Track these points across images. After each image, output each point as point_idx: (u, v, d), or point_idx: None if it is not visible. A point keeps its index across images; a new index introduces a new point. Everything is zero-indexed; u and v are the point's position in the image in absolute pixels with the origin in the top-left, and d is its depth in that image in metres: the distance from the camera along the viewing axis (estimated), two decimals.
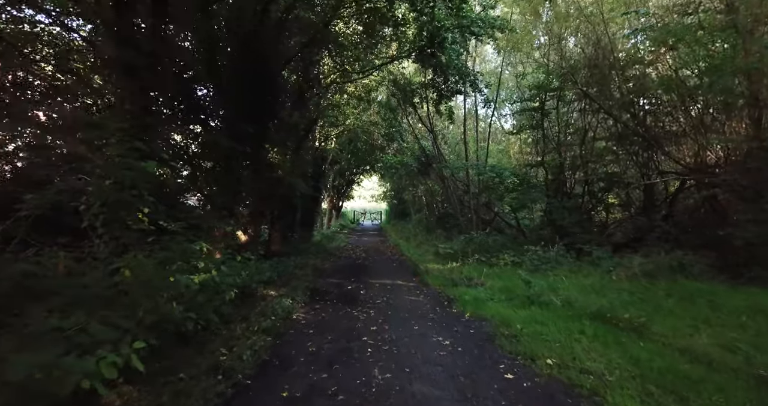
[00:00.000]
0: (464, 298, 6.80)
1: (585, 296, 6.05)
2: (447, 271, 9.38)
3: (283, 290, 7.38)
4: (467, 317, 5.88)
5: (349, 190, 31.65)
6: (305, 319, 5.88)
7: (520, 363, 4.01)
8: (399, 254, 14.53)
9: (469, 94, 12.77)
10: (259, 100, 7.16)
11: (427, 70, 12.42)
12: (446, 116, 12.68)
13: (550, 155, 11.27)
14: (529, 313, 5.67)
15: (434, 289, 7.97)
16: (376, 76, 13.10)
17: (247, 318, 5.53)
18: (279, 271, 8.85)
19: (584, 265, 7.85)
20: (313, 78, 9.89)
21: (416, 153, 16.14)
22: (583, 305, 5.57)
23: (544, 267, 8.11)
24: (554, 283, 6.75)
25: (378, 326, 5.43)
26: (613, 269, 6.84)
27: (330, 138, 17.48)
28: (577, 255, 8.66)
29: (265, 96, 7.19)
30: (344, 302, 6.87)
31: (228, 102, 6.93)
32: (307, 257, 11.80)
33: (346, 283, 8.69)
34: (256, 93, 7.04)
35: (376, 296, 7.41)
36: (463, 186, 14.40)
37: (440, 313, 6.14)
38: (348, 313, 6.17)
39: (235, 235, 9.40)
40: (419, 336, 4.97)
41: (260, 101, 7.17)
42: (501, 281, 7.74)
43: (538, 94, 10.60)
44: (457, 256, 10.53)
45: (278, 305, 6.29)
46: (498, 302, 6.45)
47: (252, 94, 6.98)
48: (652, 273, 6.20)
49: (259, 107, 7.18)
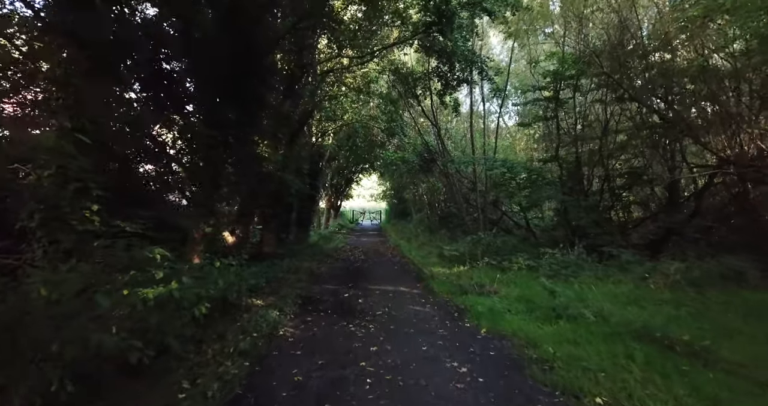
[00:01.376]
0: (477, 309, 5.93)
1: (621, 308, 5.18)
2: (454, 276, 8.51)
3: (271, 299, 6.51)
4: (483, 333, 5.01)
5: (348, 189, 30.75)
6: (293, 335, 5.01)
7: (562, 403, 3.15)
8: (400, 255, 13.66)
9: (476, 83, 11.87)
10: (244, 84, 6.28)
11: (430, 59, 11.55)
12: (451, 108, 11.81)
13: (564, 150, 10.40)
14: (557, 329, 4.81)
15: (441, 297, 7.10)
16: (376, 65, 12.22)
17: (224, 336, 4.66)
18: (268, 276, 7.99)
19: (611, 270, 6.98)
20: (307, 64, 9.02)
21: (418, 149, 15.27)
22: (622, 320, 4.70)
23: (565, 272, 7.24)
24: (581, 292, 5.87)
25: (379, 345, 4.56)
26: (649, 275, 5.97)
27: (327, 133, 16.61)
28: (600, 259, 7.79)
29: (251, 78, 6.32)
30: (340, 314, 6.00)
31: (207, 84, 6.05)
32: (302, 260, 10.94)
33: (342, 289, 7.82)
34: (240, 75, 6.16)
35: (377, 305, 6.54)
36: (469, 183, 13.54)
37: (451, 328, 5.27)
38: (344, 327, 5.30)
39: (220, 236, 8.55)
40: (429, 361, 4.10)
41: (245, 85, 6.30)
42: (517, 288, 6.87)
43: (552, 82, 9.72)
44: (464, 259, 9.65)
45: (263, 317, 5.43)
46: (517, 315, 5.58)
47: (236, 76, 6.10)
48: (698, 281, 5.34)
49: (244, 92, 6.31)
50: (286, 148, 10.49)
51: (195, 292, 4.44)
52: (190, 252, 6.19)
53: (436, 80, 11.46)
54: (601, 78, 8.33)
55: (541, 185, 10.13)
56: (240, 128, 6.46)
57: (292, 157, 10.86)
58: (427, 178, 18.07)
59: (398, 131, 14.08)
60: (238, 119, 6.45)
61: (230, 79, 6.02)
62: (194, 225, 6.12)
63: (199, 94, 6.13)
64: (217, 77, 5.96)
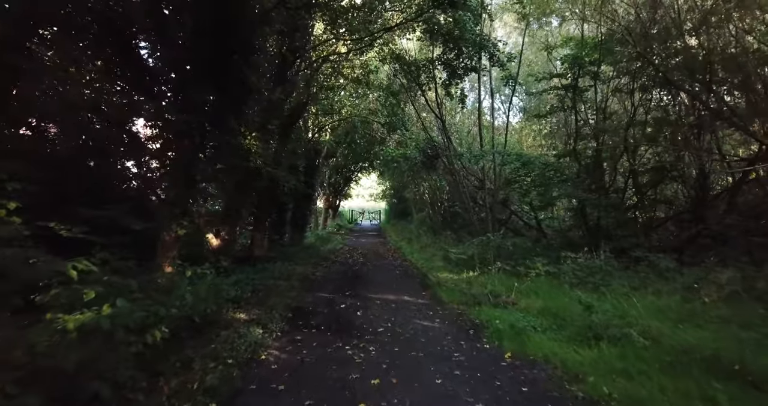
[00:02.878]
0: (496, 324, 5.06)
1: (672, 327, 4.31)
2: (464, 283, 7.64)
3: (255, 313, 5.62)
4: (508, 358, 4.13)
5: (347, 188, 29.84)
6: (278, 361, 4.12)
7: None
8: (402, 258, 12.78)
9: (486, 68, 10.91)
10: (224, 61, 5.39)
11: (435, 45, 10.66)
12: (457, 100, 10.92)
13: (582, 143, 9.52)
14: (600, 355, 3.93)
15: (452, 308, 6.23)
16: (376, 54, 11.32)
17: (190, 365, 3.77)
18: (256, 283, 7.10)
19: (648, 278, 6.11)
20: (300, 47, 8.13)
21: (421, 145, 14.36)
22: (680, 343, 3.82)
23: (592, 280, 6.37)
24: (619, 305, 5.00)
25: (382, 375, 3.68)
26: (698, 285, 5.09)
27: (325, 129, 15.71)
28: (627, 264, 6.92)
29: (231, 55, 5.43)
30: (335, 331, 5.12)
31: (180, 62, 5.16)
32: (296, 263, 10.04)
33: (339, 298, 6.94)
34: (219, 50, 5.26)
35: (378, 319, 5.66)
36: (476, 181, 12.65)
37: (468, 350, 4.39)
38: (339, 350, 4.41)
39: (202, 239, 7.65)
40: (446, 401, 3.22)
41: (225, 63, 5.41)
42: (539, 299, 5.99)
43: (571, 69, 8.84)
44: (473, 263, 8.78)
45: (243, 338, 4.55)
46: (544, 333, 4.71)
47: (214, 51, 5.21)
48: (765, 295, 4.48)
49: (224, 71, 5.41)
50: (278, 141, 9.60)
51: (153, 310, 3.56)
52: (160, 259, 5.30)
53: (441, 69, 10.56)
54: (630, 62, 7.45)
55: (557, 182, 9.24)
56: (219, 114, 5.57)
57: (285, 151, 9.98)
58: (430, 176, 17.17)
59: (399, 125, 13.17)
60: (218, 103, 5.56)
61: (207, 54, 5.13)
62: (164, 227, 5.22)
63: (169, 71, 5.24)
64: (192, 53, 5.07)
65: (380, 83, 12.91)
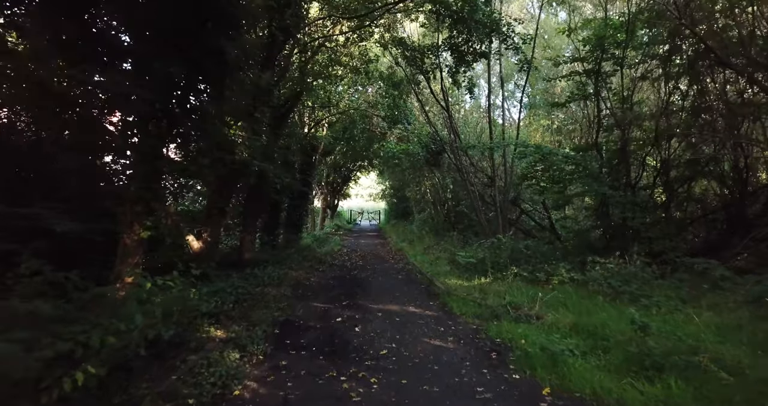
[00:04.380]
0: (523, 346, 4.18)
1: (750, 354, 3.43)
2: (476, 291, 6.75)
3: (235, 329, 4.74)
4: (547, 396, 3.24)
5: (346, 187, 28.95)
6: (255, 399, 3.24)
7: None
8: (404, 261, 11.89)
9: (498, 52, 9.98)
10: (195, 31, 4.50)
11: (441, 29, 9.77)
12: (465, 89, 10.03)
13: (604, 135, 8.64)
14: (668, 393, 3.05)
15: (466, 323, 5.34)
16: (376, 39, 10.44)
17: None
18: (240, 292, 6.21)
19: (697, 288, 5.23)
20: (292, 27, 7.24)
21: (424, 140, 13.47)
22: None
23: (628, 290, 5.48)
24: (674, 323, 4.12)
25: None
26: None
27: (322, 124, 14.82)
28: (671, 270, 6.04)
29: (205, 23, 4.54)
30: (329, 354, 4.24)
31: (138, 26, 4.28)
32: (289, 267, 9.16)
33: (334, 310, 6.06)
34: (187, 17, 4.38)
35: (380, 337, 4.78)
36: (486, 177, 11.75)
37: (494, 383, 3.50)
38: (332, 382, 3.53)
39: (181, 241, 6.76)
40: None
41: (197, 33, 4.52)
42: (569, 313, 5.10)
43: (594, 51, 7.96)
44: (484, 268, 7.89)
45: (214, 365, 3.66)
46: (585, 359, 3.82)
47: (181, 17, 4.32)
48: None
49: (196, 42, 4.52)
50: (269, 134, 8.70)
51: (82, 340, 2.68)
52: (119, 268, 4.41)
53: (447, 55, 9.68)
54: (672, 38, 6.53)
55: (578, 178, 8.34)
56: (192, 94, 4.68)
57: (277, 145, 9.09)
58: (433, 174, 16.27)
59: (401, 119, 12.26)
60: (190, 81, 4.67)
61: (170, 16, 4.24)
62: (123, 227, 4.33)
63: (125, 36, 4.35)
64: (152, 14, 4.18)
65: (381, 73, 12.00)
